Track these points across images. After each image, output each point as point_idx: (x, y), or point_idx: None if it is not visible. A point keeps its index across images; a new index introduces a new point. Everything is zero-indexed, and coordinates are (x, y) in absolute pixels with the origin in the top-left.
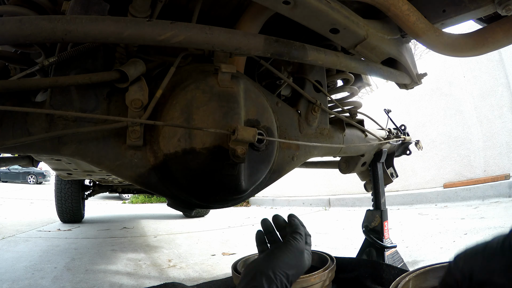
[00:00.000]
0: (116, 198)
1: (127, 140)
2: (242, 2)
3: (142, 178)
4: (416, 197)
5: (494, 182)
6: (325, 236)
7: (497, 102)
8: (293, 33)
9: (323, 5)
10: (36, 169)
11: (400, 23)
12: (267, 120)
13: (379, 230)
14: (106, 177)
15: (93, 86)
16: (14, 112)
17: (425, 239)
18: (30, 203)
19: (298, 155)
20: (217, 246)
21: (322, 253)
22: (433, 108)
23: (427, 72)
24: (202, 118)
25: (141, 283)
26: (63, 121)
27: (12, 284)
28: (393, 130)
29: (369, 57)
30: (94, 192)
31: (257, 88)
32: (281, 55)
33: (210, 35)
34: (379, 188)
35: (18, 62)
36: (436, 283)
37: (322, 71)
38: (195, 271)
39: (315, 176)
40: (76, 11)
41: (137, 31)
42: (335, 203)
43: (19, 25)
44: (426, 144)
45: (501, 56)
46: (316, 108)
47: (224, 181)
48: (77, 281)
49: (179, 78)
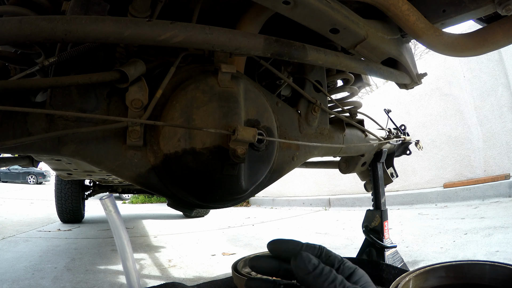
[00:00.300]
0: (116, 198)
1: (127, 140)
2: (242, 2)
3: (142, 178)
4: (416, 197)
5: (494, 182)
6: (325, 236)
7: (497, 102)
8: (293, 33)
9: (323, 5)
10: (36, 169)
11: (400, 23)
12: (267, 120)
13: (379, 230)
14: (106, 177)
15: (93, 86)
16: (14, 112)
17: (425, 239)
18: (30, 203)
19: (298, 155)
20: (217, 246)
21: None
22: (433, 108)
23: (427, 72)
24: (202, 118)
25: (142, 283)
26: (63, 121)
27: (12, 284)
28: (393, 130)
29: (369, 57)
30: (94, 192)
31: (257, 88)
32: (281, 55)
33: (210, 35)
34: (379, 188)
35: (18, 62)
36: (436, 283)
37: (322, 71)
38: (195, 271)
39: (315, 176)
40: (76, 11)
41: (137, 31)
42: (335, 203)
43: (19, 25)
44: (426, 144)
45: (501, 56)
46: (316, 108)
47: (224, 181)
48: (77, 281)
49: (179, 78)
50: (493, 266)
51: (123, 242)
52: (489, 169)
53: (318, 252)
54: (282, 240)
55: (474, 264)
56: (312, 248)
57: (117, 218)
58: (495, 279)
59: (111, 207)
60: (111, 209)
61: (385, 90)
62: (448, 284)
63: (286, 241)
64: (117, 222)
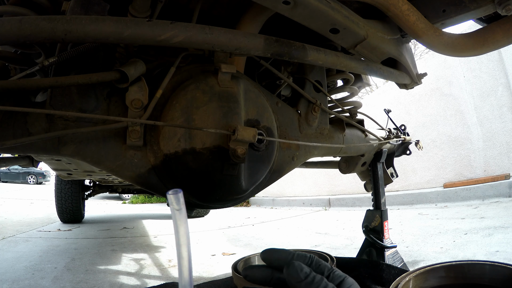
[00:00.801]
0: (116, 198)
1: (127, 140)
2: (242, 2)
3: (142, 178)
4: (416, 197)
5: (494, 182)
6: (325, 236)
7: (497, 102)
8: (293, 33)
9: (323, 5)
10: (36, 169)
11: (400, 23)
12: (267, 120)
13: (379, 230)
14: (106, 177)
15: (93, 86)
16: (14, 112)
17: (425, 239)
18: (30, 203)
19: (298, 155)
20: (217, 246)
21: (322, 253)
22: (433, 108)
23: (427, 72)
24: (202, 118)
25: (142, 283)
26: (63, 121)
27: (12, 284)
28: (393, 130)
29: (369, 57)
30: (94, 192)
31: (257, 88)
32: (281, 55)
33: (210, 35)
34: (379, 188)
35: (18, 62)
36: (437, 283)
37: (322, 71)
38: (195, 271)
39: (315, 176)
40: (76, 11)
41: (137, 31)
42: (335, 203)
43: (19, 25)
44: (426, 144)
45: (501, 56)
46: (316, 108)
47: (224, 181)
48: (77, 281)
49: (179, 78)
50: (493, 266)
51: (180, 242)
52: (489, 169)
53: (308, 261)
54: (274, 249)
55: (474, 264)
56: (303, 257)
57: (181, 215)
58: (495, 279)
59: (174, 204)
60: (175, 206)
61: (385, 90)
62: (448, 284)
63: (278, 250)
64: (180, 220)
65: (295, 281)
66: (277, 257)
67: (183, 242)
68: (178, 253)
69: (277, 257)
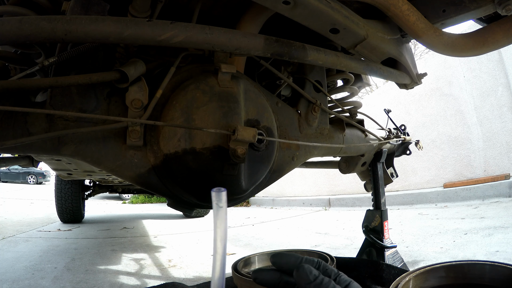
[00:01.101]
0: (116, 198)
1: (127, 140)
2: (242, 2)
3: (142, 178)
4: (416, 197)
5: (494, 182)
6: (325, 236)
7: (497, 102)
8: (293, 33)
9: (323, 5)
10: (36, 169)
11: (400, 23)
12: (267, 120)
13: (379, 230)
14: (106, 177)
15: (93, 86)
16: (14, 112)
17: (425, 239)
18: (30, 203)
19: (298, 155)
20: None
21: (322, 253)
22: (433, 108)
23: (427, 72)
24: (202, 118)
25: (142, 283)
26: (63, 121)
27: (12, 284)
28: (393, 130)
29: (369, 57)
30: (94, 192)
31: (257, 88)
32: (281, 55)
33: (210, 35)
34: (379, 188)
35: (18, 62)
36: (437, 283)
37: (322, 71)
38: (195, 271)
39: (315, 176)
40: (76, 11)
41: (137, 31)
42: (335, 203)
43: (19, 25)
44: (426, 144)
45: (501, 56)
46: (316, 108)
47: (224, 181)
48: (77, 281)
49: (179, 78)
50: (493, 266)
51: (217, 237)
52: (489, 169)
53: (316, 265)
54: (284, 253)
55: (474, 264)
56: (311, 262)
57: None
58: (495, 279)
59: (217, 201)
60: (219, 203)
61: (385, 90)
62: (448, 284)
63: (287, 254)
64: (221, 217)
65: (304, 282)
66: (286, 260)
67: (221, 238)
68: (215, 248)
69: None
